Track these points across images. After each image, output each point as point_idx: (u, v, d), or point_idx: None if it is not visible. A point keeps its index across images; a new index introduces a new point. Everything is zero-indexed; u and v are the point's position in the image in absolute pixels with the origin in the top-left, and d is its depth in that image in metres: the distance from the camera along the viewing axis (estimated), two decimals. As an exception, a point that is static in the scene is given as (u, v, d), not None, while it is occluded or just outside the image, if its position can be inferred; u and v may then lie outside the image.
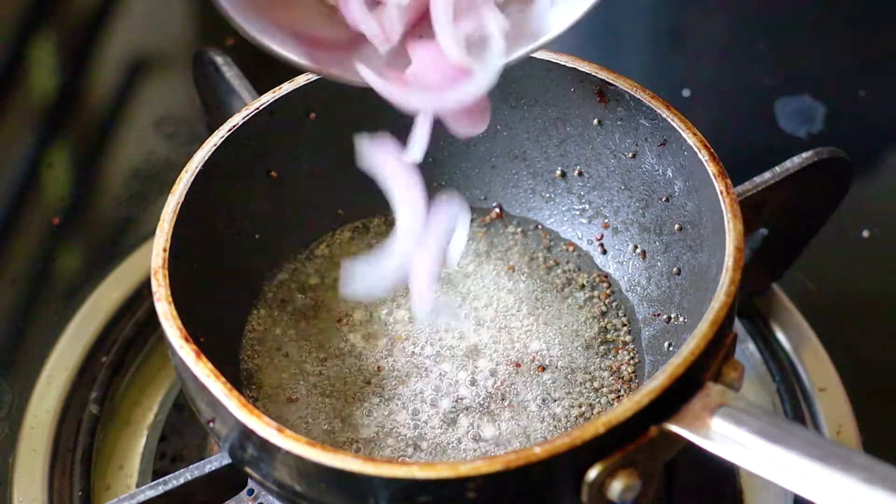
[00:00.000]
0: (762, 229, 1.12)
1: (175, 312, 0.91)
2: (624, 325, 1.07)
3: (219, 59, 1.16)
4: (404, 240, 0.92)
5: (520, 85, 1.08)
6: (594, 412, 1.01)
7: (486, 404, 1.01)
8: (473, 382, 1.02)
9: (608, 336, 1.06)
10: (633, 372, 1.04)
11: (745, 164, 1.08)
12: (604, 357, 1.05)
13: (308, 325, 1.08)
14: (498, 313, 1.07)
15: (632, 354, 1.05)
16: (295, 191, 1.10)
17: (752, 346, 1.21)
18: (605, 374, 1.03)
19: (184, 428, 1.18)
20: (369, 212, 1.14)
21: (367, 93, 1.08)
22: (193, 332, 0.91)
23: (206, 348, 0.90)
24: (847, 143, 1.12)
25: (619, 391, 1.02)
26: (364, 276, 0.92)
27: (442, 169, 1.14)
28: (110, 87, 1.55)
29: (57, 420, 1.15)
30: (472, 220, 1.13)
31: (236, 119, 1.03)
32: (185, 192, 0.98)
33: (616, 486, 0.84)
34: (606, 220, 1.11)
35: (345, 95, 1.08)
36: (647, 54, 1.61)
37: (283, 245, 1.11)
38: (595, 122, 1.07)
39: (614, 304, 1.08)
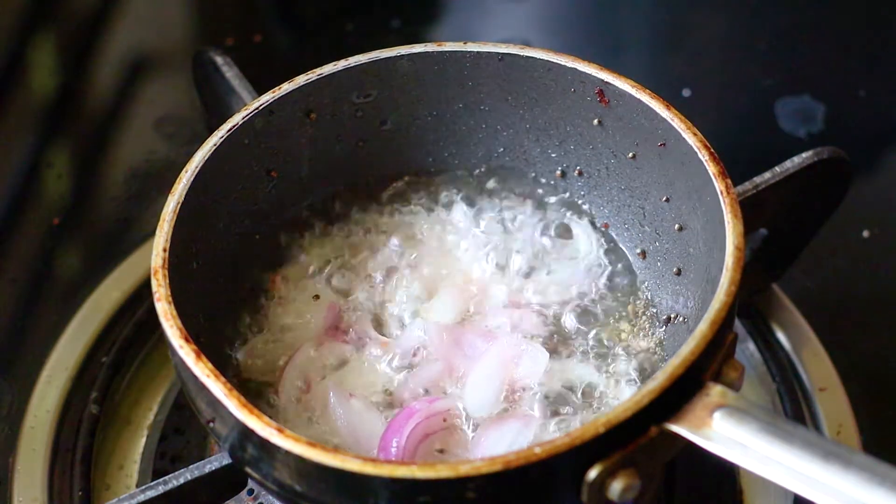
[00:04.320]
0: (762, 229, 1.12)
1: (175, 312, 0.91)
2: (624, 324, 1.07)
3: (219, 59, 1.16)
4: None
5: (520, 85, 1.08)
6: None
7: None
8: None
9: (608, 336, 1.06)
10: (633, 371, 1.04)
11: (745, 164, 1.08)
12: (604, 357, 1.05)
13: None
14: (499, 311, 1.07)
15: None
16: (295, 191, 1.11)
17: (752, 346, 1.21)
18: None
19: (184, 428, 1.18)
20: (369, 211, 1.14)
21: (367, 94, 1.09)
22: (193, 332, 0.91)
23: (206, 348, 0.90)
24: (847, 143, 1.12)
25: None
26: None
27: (442, 168, 1.14)
28: (110, 87, 1.55)
29: (57, 420, 1.15)
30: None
31: (236, 119, 1.03)
32: (185, 192, 0.98)
33: (616, 486, 0.84)
34: (606, 220, 1.11)
35: (344, 96, 1.08)
36: (647, 54, 1.61)
37: (283, 245, 1.11)
38: (595, 122, 1.07)
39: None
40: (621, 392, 1.01)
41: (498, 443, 0.97)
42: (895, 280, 1.31)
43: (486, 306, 1.07)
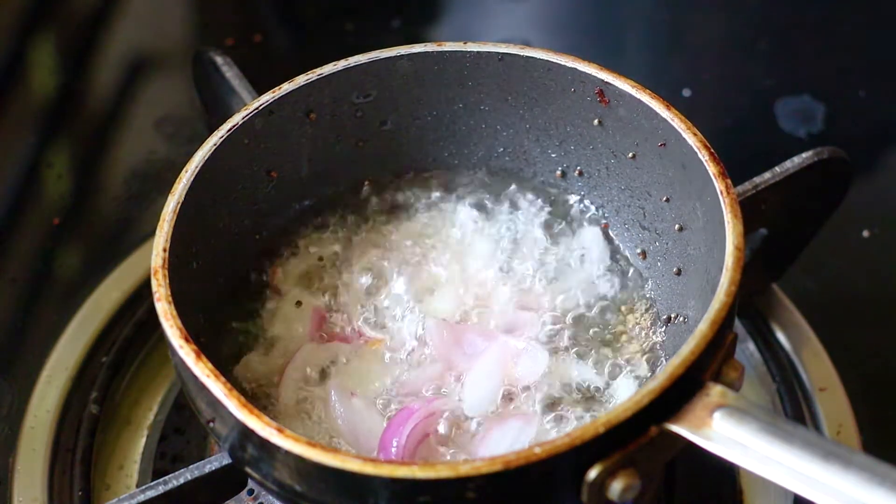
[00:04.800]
0: (762, 229, 1.12)
1: (175, 312, 0.91)
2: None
3: (219, 59, 1.16)
4: None
5: (520, 85, 1.08)
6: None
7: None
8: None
9: (608, 335, 1.06)
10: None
11: (745, 164, 1.08)
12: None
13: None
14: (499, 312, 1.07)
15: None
16: (295, 191, 1.11)
17: (752, 346, 1.21)
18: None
19: (184, 428, 1.18)
20: (369, 211, 1.14)
21: (367, 94, 1.09)
22: (194, 332, 0.91)
23: (206, 348, 0.90)
24: (847, 143, 1.12)
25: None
26: None
27: (442, 169, 1.14)
28: (110, 87, 1.55)
29: (57, 420, 1.15)
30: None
31: (236, 119, 1.03)
32: (185, 192, 0.98)
33: (616, 486, 0.84)
34: (606, 221, 1.11)
35: (344, 96, 1.08)
36: (647, 54, 1.61)
37: (283, 245, 1.11)
38: (595, 122, 1.07)
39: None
40: (621, 392, 1.01)
41: (500, 442, 0.97)
42: (895, 280, 1.31)
43: (486, 305, 1.07)
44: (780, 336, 1.21)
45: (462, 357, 1.03)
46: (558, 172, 1.12)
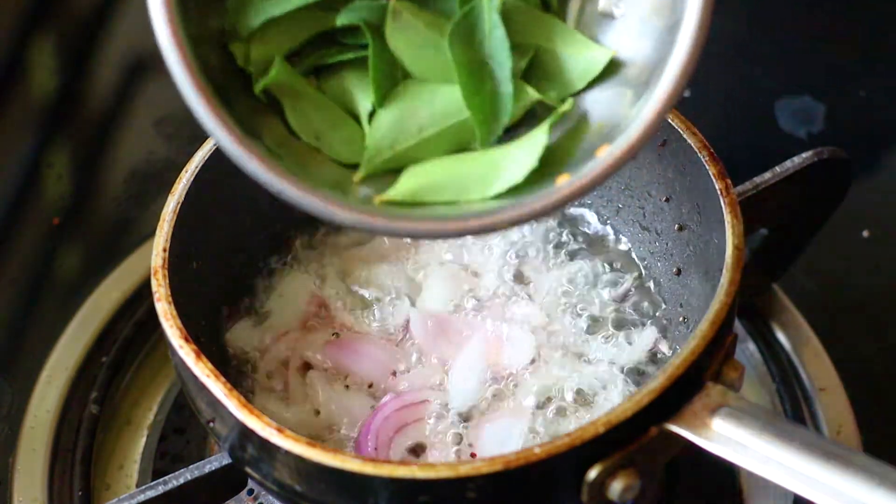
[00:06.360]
0: (762, 229, 1.12)
1: (175, 312, 0.91)
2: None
3: (219, 59, 1.16)
4: None
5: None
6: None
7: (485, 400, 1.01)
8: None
9: (607, 335, 1.06)
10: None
11: (745, 164, 1.08)
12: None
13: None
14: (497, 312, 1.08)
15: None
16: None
17: (752, 346, 1.21)
18: (605, 374, 1.04)
19: (184, 428, 1.18)
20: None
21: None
22: (193, 332, 0.91)
23: (207, 348, 0.90)
24: (847, 143, 1.12)
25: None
26: None
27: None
28: (110, 87, 1.55)
29: (57, 420, 1.15)
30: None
31: (236, 119, 1.03)
32: (185, 192, 0.98)
33: (616, 486, 0.84)
34: (606, 220, 1.11)
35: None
36: (647, 54, 1.61)
37: (282, 244, 1.11)
38: (595, 122, 1.06)
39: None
40: (620, 392, 1.01)
41: (491, 436, 0.97)
42: (895, 280, 1.31)
43: (479, 299, 1.07)
44: (780, 336, 1.21)
45: (448, 347, 1.03)
46: (558, 172, 1.12)
